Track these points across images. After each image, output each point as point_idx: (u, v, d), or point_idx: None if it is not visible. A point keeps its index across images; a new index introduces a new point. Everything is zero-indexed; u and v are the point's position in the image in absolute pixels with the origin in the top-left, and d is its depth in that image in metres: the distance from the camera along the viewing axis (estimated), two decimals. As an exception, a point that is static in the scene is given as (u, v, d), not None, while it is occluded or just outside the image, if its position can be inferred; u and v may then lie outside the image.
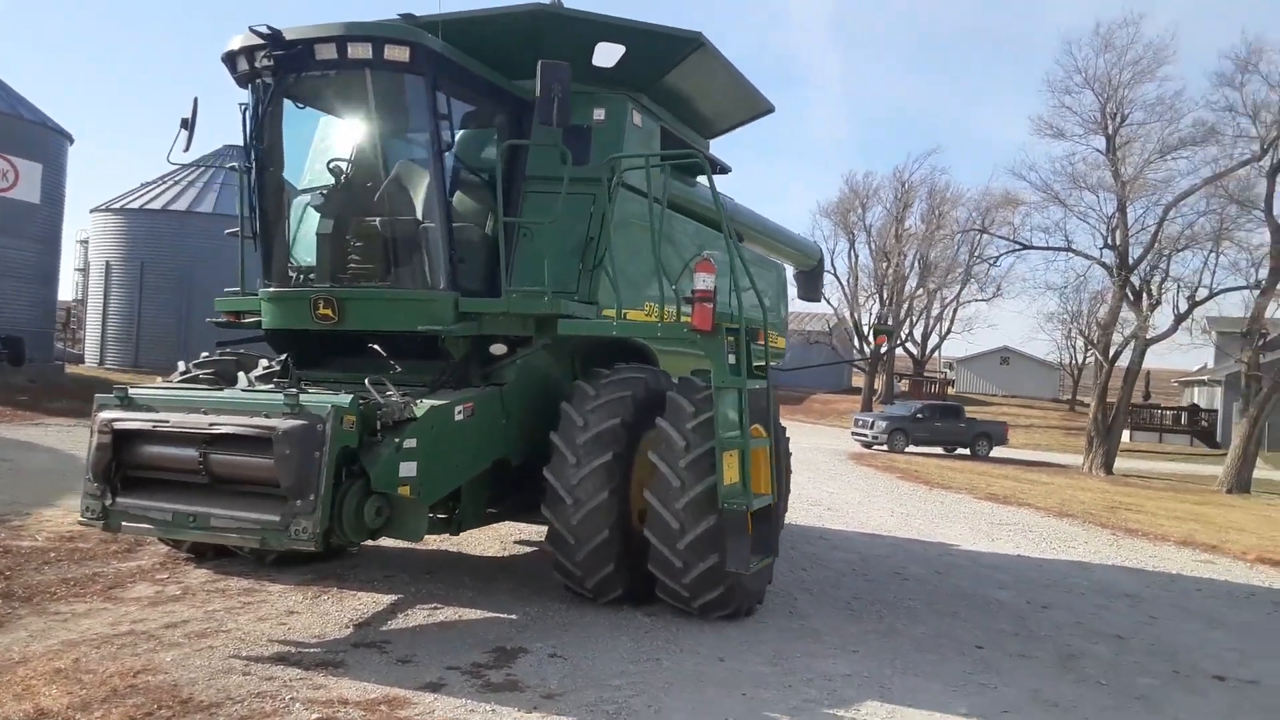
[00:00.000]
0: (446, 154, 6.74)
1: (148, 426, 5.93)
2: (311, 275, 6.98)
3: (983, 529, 13.37)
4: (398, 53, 6.38)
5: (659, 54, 7.65)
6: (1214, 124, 29.54)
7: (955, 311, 57.25)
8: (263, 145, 6.93)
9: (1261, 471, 29.31)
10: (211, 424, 5.74)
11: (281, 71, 6.50)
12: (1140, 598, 8.96)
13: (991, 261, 37.93)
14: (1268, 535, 15.39)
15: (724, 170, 9.44)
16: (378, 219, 6.68)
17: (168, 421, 5.87)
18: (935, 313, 57.53)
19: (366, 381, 6.09)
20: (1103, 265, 32.78)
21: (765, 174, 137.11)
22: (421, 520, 6.10)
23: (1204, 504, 22.22)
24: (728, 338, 6.52)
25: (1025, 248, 35.00)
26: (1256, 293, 29.39)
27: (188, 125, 7.28)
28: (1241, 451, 27.60)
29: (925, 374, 61.13)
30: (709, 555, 6.40)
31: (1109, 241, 31.69)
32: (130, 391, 6.16)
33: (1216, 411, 45.20)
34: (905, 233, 54.25)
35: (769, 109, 9.39)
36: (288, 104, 6.93)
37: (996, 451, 33.13)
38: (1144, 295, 32.08)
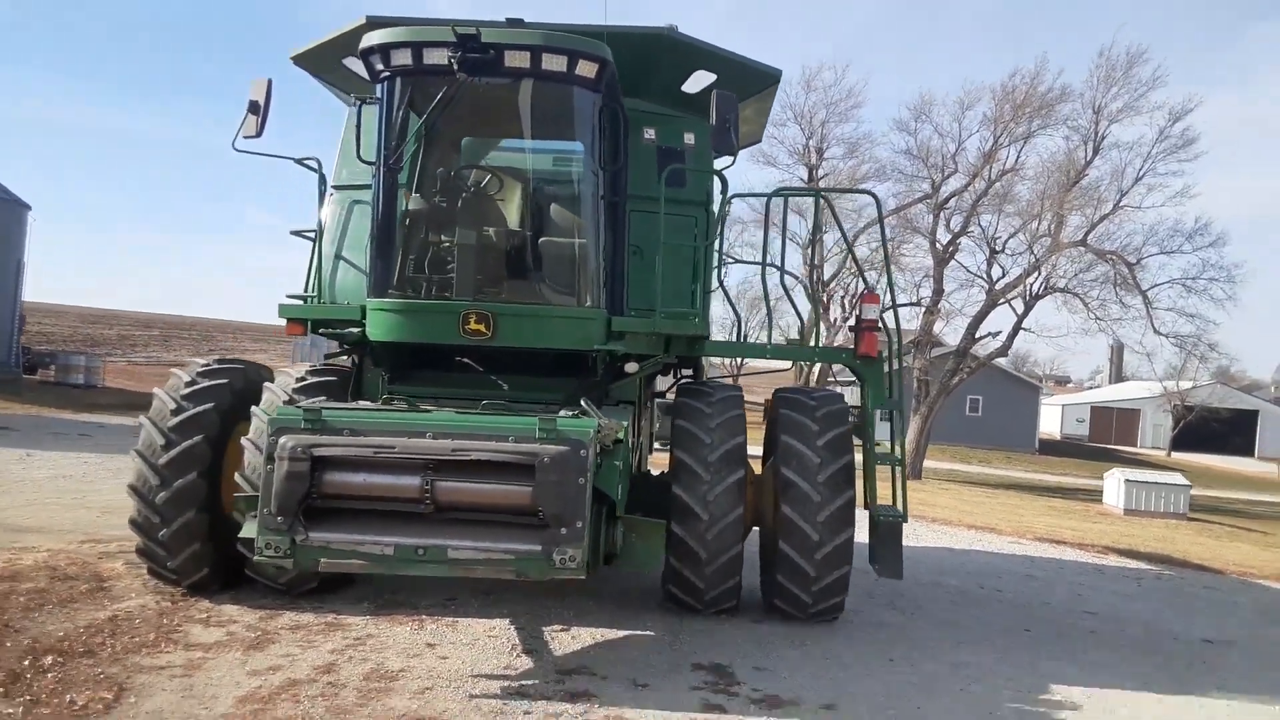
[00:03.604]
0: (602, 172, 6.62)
1: (367, 453, 5.27)
2: (435, 287, 6.53)
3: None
4: (588, 68, 6.19)
5: (740, 85, 7.95)
6: (893, 162, 34.39)
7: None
8: (392, 146, 6.36)
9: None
10: (455, 449, 5.26)
11: (459, 74, 6.02)
12: (1037, 577, 10.69)
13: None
14: (1008, 517, 18.55)
15: None
16: (540, 235, 6.43)
17: (394, 447, 5.27)
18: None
19: (583, 402, 5.87)
20: (801, 282, 36.64)
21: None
22: (660, 545, 5.99)
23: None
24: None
25: (736, 261, 38.22)
26: (920, 309, 34.59)
27: (258, 110, 6.54)
28: (916, 443, 32.35)
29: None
30: (842, 565, 6.89)
31: (809, 260, 35.57)
32: (325, 413, 5.42)
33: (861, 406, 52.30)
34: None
35: (758, 141, 9.95)
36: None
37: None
38: (831, 308, 36.44)
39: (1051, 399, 76.21)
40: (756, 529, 7.47)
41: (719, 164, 7.63)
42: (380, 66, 6.26)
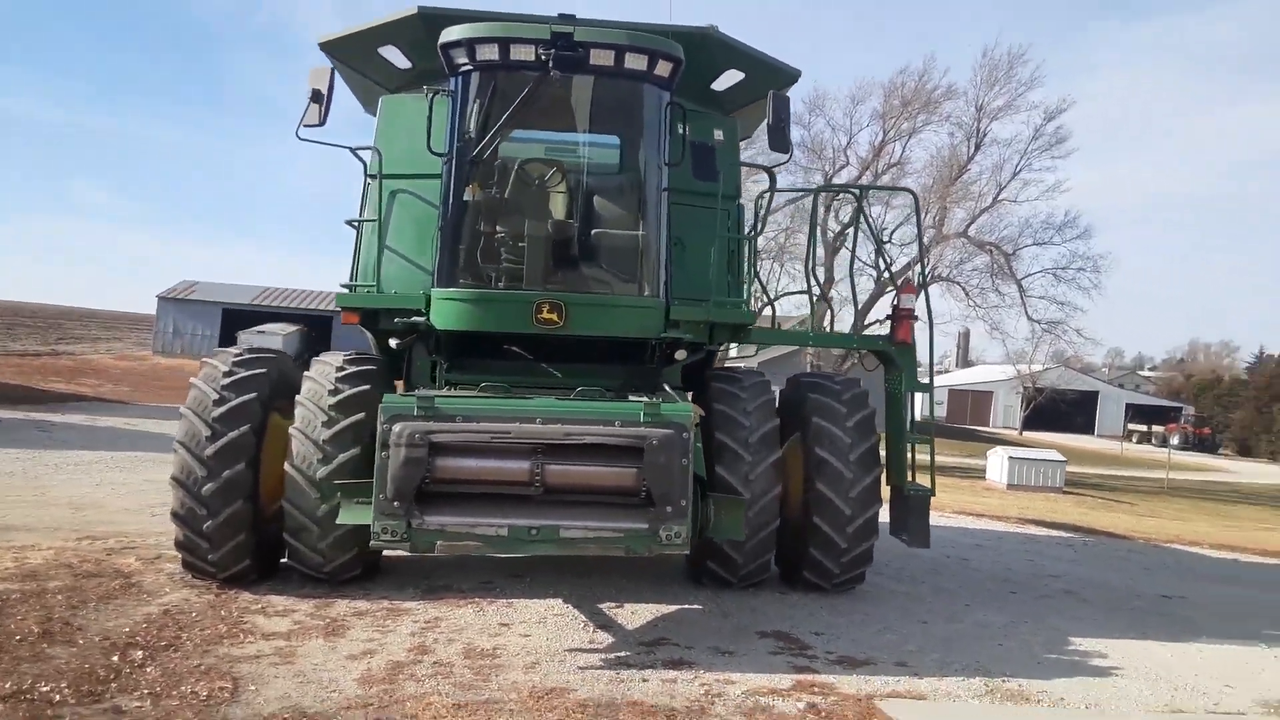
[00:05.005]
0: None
1: (483, 438, 5.45)
2: (500, 277, 6.71)
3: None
4: (664, 67, 6.49)
5: (763, 83, 8.32)
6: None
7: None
8: (468, 139, 6.51)
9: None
10: (568, 434, 5.50)
11: (553, 71, 6.22)
12: (984, 546, 11.60)
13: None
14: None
15: None
16: (605, 227, 6.70)
17: (509, 432, 5.46)
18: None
19: (666, 387, 6.18)
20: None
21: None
22: (740, 518, 6.35)
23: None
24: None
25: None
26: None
27: (320, 99, 6.60)
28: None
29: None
30: (870, 538, 7.44)
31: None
32: (437, 400, 5.55)
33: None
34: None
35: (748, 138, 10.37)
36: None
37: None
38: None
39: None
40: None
41: (758, 160, 8.03)
42: (462, 60, 6.39)
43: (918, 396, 8.34)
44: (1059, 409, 65.12)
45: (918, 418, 8.28)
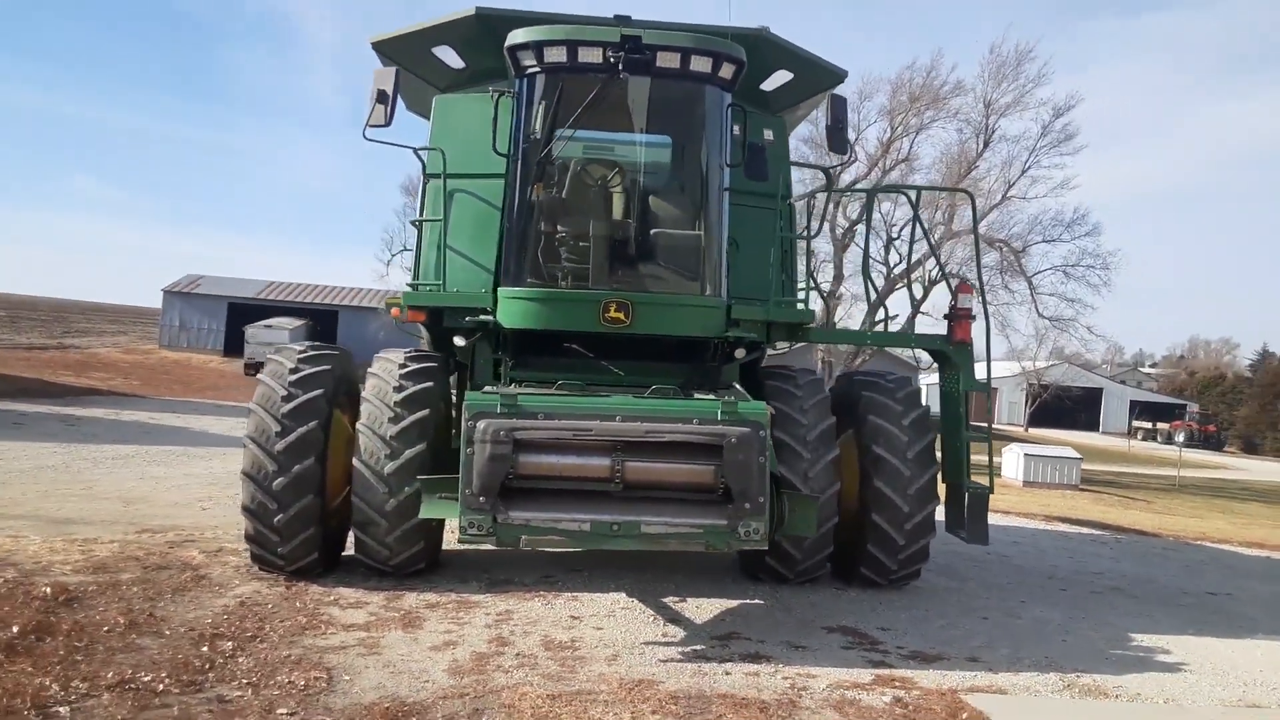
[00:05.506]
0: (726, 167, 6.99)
1: (566, 435, 5.53)
2: (566, 276, 6.79)
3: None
4: (727, 69, 6.56)
5: (810, 84, 8.41)
6: (795, 149, 35.60)
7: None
8: (533, 140, 6.58)
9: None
10: (649, 431, 5.58)
11: (622, 74, 6.30)
12: (1020, 543, 11.67)
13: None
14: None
15: None
16: (668, 227, 6.76)
17: (590, 430, 5.55)
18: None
19: (735, 386, 6.26)
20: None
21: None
22: (813, 515, 6.44)
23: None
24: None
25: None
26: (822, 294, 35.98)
27: (385, 99, 6.68)
28: (820, 424, 33.84)
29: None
30: (927, 535, 7.54)
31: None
32: (520, 398, 5.63)
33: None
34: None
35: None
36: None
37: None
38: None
39: (917, 379, 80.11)
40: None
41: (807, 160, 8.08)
42: (529, 62, 6.45)
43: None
44: (1064, 406, 65.23)
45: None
